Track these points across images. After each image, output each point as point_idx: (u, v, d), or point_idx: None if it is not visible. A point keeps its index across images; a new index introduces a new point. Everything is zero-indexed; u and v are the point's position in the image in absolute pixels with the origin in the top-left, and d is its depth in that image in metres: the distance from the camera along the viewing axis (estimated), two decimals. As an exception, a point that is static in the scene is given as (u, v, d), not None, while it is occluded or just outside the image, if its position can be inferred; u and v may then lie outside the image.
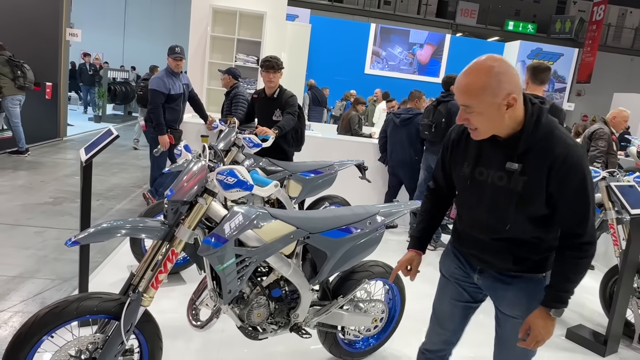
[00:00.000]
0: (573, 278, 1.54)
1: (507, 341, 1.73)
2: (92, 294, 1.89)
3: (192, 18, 6.31)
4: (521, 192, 1.51)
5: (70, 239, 1.83)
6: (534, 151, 1.49)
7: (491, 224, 1.63)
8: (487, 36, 20.13)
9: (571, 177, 1.47)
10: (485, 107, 1.45)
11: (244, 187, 1.80)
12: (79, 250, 2.73)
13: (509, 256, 1.63)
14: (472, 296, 1.83)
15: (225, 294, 2.03)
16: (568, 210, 1.51)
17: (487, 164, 1.59)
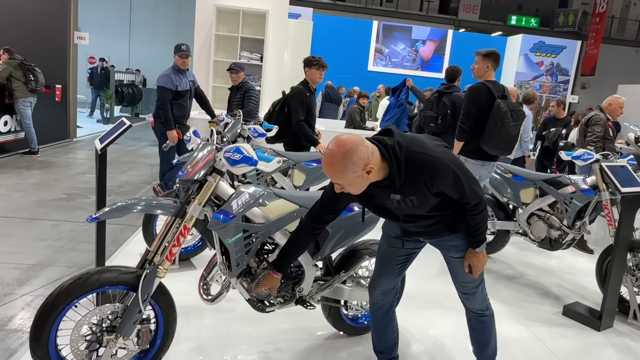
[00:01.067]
0: (477, 226, 2.02)
1: (461, 273, 2.18)
2: (111, 267, 2.06)
3: (196, 18, 6.49)
4: (417, 204, 1.90)
5: (91, 216, 1.99)
6: (406, 182, 1.82)
7: (418, 223, 2.04)
8: (489, 31, 20.16)
9: (442, 182, 1.84)
10: (352, 181, 1.75)
11: (249, 162, 1.95)
12: (95, 239, 2.90)
13: (443, 227, 2.07)
14: (414, 245, 2.26)
15: (234, 266, 2.18)
16: (451, 195, 1.91)
17: (381, 199, 1.94)
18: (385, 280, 2.28)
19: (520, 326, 3.24)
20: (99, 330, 2.02)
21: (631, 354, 3.02)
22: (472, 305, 2.25)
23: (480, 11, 21.10)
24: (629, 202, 3.12)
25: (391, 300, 2.35)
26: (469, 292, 2.21)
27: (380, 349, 2.43)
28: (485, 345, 2.33)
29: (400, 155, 1.78)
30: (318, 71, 4.38)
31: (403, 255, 2.26)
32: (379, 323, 2.38)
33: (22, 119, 7.32)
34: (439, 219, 2.02)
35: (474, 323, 2.31)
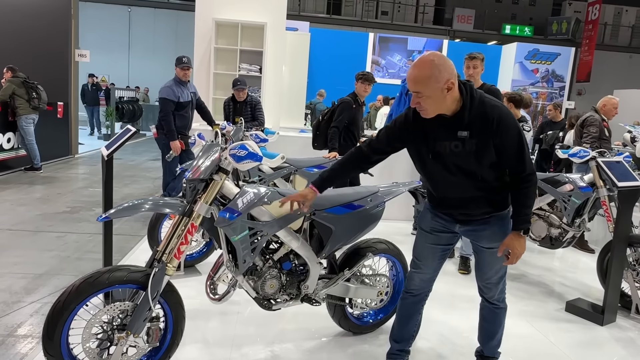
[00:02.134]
0: (527, 203, 2.01)
1: (486, 265, 2.20)
2: (121, 266, 2.10)
3: (196, 32, 6.61)
4: (475, 151, 1.94)
5: (101, 215, 2.04)
6: (475, 120, 1.92)
7: (462, 183, 2.02)
8: (484, 41, 20.41)
9: (505, 130, 1.92)
10: (432, 92, 1.87)
11: (254, 158, 2.02)
12: (102, 248, 2.96)
13: (484, 202, 2.06)
14: (449, 241, 2.26)
15: (240, 263, 2.23)
16: (510, 154, 1.95)
17: (443, 138, 1.98)
18: (424, 273, 2.28)
19: (525, 323, 3.27)
20: (109, 329, 2.06)
21: (635, 347, 3.04)
22: (492, 295, 2.28)
23: (475, 21, 21.37)
24: (626, 196, 3.18)
25: (425, 291, 2.34)
26: (491, 284, 2.24)
27: (397, 337, 2.42)
28: (492, 335, 2.37)
29: (476, 95, 1.93)
30: (363, 85, 4.62)
31: (440, 248, 2.25)
32: (405, 311, 2.37)
33: (25, 136, 7.41)
34: (484, 185, 2.00)
35: (487, 313, 2.34)
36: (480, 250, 2.20)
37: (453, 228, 2.19)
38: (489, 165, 1.96)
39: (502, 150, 1.93)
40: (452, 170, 2.00)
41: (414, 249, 2.32)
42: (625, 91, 14.82)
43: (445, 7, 21.84)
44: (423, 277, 2.30)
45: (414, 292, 2.34)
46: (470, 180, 2.00)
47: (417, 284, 2.31)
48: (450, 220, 2.18)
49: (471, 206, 2.08)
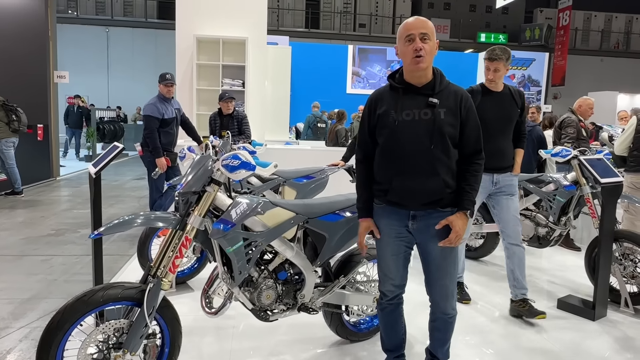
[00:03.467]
0: (476, 186, 2.08)
1: (441, 270, 2.14)
2: (115, 283, 2.07)
3: (177, 48, 6.61)
4: (444, 118, 2.03)
5: (93, 232, 2.02)
6: (445, 91, 2.07)
7: (422, 154, 2.02)
8: (461, 49, 20.82)
9: (471, 109, 2.09)
10: (432, 40, 2.03)
11: (247, 167, 2.02)
12: (92, 268, 2.91)
13: (440, 183, 2.03)
14: (408, 244, 2.20)
15: (236, 275, 2.22)
16: (470, 131, 2.08)
17: (412, 106, 2.06)
18: (392, 281, 2.24)
19: (519, 321, 3.30)
20: (105, 348, 2.02)
21: (627, 340, 3.10)
22: (450, 305, 2.19)
23: (450, 30, 21.83)
24: (609, 192, 3.26)
25: (400, 296, 2.31)
26: (448, 293, 2.16)
27: (389, 346, 2.41)
28: (445, 341, 2.29)
29: (444, 76, 2.12)
30: None
31: (401, 257, 2.20)
32: (388, 319, 2.35)
33: (5, 159, 7.27)
34: (442, 161, 2.01)
35: (441, 324, 2.24)
36: (431, 253, 2.12)
37: (406, 225, 2.11)
38: (451, 138, 2.04)
39: (466, 126, 2.06)
40: (417, 137, 2.01)
41: (377, 259, 2.27)
42: (599, 93, 15.24)
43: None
44: (393, 282, 2.25)
45: (389, 299, 2.29)
46: (430, 152, 2.01)
47: (391, 290, 2.27)
48: (403, 214, 2.10)
49: (429, 183, 2.02)
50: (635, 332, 3.20)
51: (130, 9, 20.13)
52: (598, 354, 2.89)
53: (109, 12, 19.69)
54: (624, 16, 23.40)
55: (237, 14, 6.61)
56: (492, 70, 3.20)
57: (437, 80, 2.07)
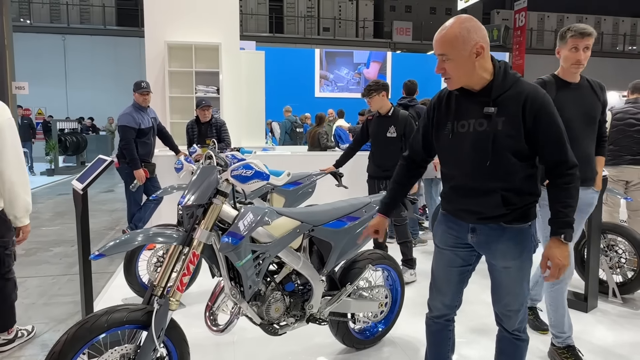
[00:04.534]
0: (570, 202, 1.73)
1: (503, 288, 1.90)
2: (118, 306, 1.94)
3: (147, 55, 6.40)
4: (502, 129, 1.71)
5: (94, 253, 1.88)
6: (507, 95, 1.72)
7: (479, 169, 1.77)
8: (424, 51, 21.21)
9: (543, 111, 1.70)
10: (458, 55, 1.69)
11: (261, 177, 1.94)
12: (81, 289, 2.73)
13: (498, 200, 1.77)
14: (465, 260, 1.98)
15: (246, 289, 2.12)
16: (547, 141, 1.71)
17: (467, 115, 1.79)
18: (442, 297, 2.04)
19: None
20: (111, 376, 1.89)
21: (621, 328, 3.18)
22: (511, 325, 1.93)
23: (413, 33, 22.22)
24: (596, 186, 3.34)
25: (449, 316, 2.08)
26: (511, 311, 1.91)
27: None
28: None
29: (510, 71, 1.75)
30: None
31: (456, 270, 1.99)
32: (433, 338, 2.13)
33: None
34: (503, 176, 1.74)
35: (506, 345, 1.97)
36: (494, 270, 1.91)
37: (465, 239, 1.90)
38: (513, 151, 1.71)
39: (537, 136, 1.69)
40: (471, 153, 1.76)
41: (432, 269, 2.09)
42: (557, 90, 15.84)
43: (384, 20, 22.57)
44: (443, 300, 2.04)
45: (436, 317, 2.09)
46: (488, 166, 1.74)
47: (439, 308, 2.06)
48: (462, 226, 1.90)
49: (484, 202, 1.80)
50: (627, 321, 3.29)
51: (87, 16, 19.46)
52: (598, 344, 2.95)
53: (65, 20, 18.96)
54: (575, 16, 24.48)
55: (209, 19, 6.46)
56: (581, 49, 2.53)
57: (497, 82, 1.72)
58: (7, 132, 2.49)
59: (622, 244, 3.70)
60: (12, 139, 2.51)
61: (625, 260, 3.66)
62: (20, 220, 2.62)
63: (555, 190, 1.75)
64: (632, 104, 4.27)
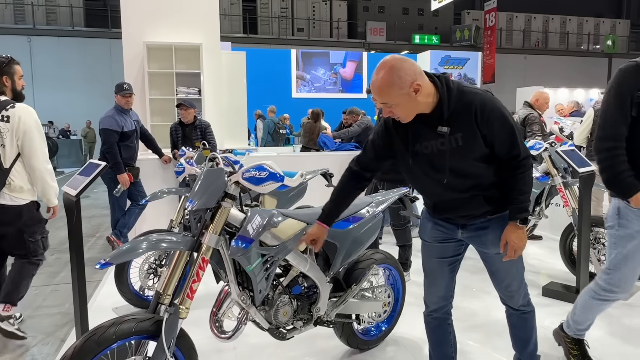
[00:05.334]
0: (524, 189, 1.87)
1: (500, 272, 2.03)
2: (125, 316, 1.86)
3: (125, 56, 6.22)
4: (463, 146, 1.80)
5: (100, 262, 1.80)
6: (457, 111, 1.79)
7: (454, 184, 1.87)
8: (398, 50, 21.41)
9: (492, 117, 1.79)
10: (399, 99, 1.75)
11: (276, 179, 1.89)
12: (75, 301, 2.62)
13: (481, 201, 1.90)
14: (456, 251, 2.09)
15: (256, 294, 2.07)
16: (501, 142, 1.82)
17: (426, 137, 1.86)
18: (437, 290, 2.12)
19: (511, 313, 3.37)
20: (121, 390, 1.81)
21: (613, 318, 3.27)
22: (515, 302, 2.09)
23: (387, 33, 22.43)
24: (586, 180, 3.42)
25: (445, 309, 2.16)
26: (512, 291, 2.06)
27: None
28: (527, 342, 2.17)
29: (453, 86, 1.80)
30: None
31: (447, 261, 2.08)
32: (434, 335, 2.20)
33: None
34: (478, 182, 1.87)
35: (516, 320, 2.14)
36: (488, 258, 2.03)
37: (455, 235, 2.02)
38: (480, 159, 1.83)
39: (492, 139, 1.80)
40: (440, 171, 1.85)
41: (422, 264, 2.16)
42: (525, 89, 16.24)
43: (358, 21, 22.70)
44: (438, 292, 2.13)
45: (434, 313, 2.16)
46: (462, 179, 1.86)
47: (435, 301, 2.14)
48: (451, 226, 2.02)
49: (469, 207, 1.92)
50: (619, 312, 3.38)
51: (54, 17, 18.87)
52: (596, 336, 3.01)
53: (30, 21, 18.34)
54: (542, 17, 25.22)
55: (188, 19, 6.33)
56: None
57: (444, 102, 1.78)
58: (34, 132, 2.88)
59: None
60: (39, 138, 2.91)
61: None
62: (51, 201, 3.06)
63: (512, 180, 1.86)
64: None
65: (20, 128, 2.82)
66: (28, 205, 2.96)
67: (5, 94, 2.91)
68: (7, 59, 2.93)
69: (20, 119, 2.82)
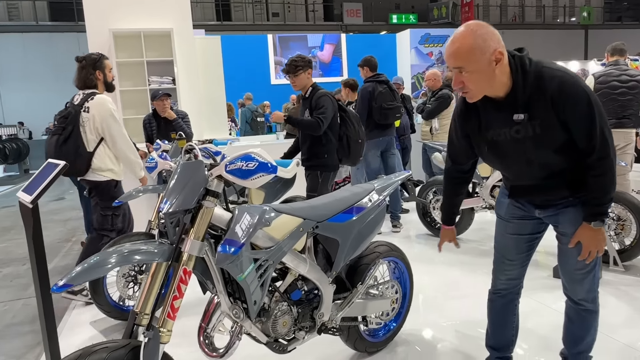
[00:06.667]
0: (597, 195, 1.69)
1: (570, 254, 1.82)
2: (94, 346, 1.54)
3: (90, 47, 5.75)
4: (540, 134, 1.63)
5: (56, 284, 1.47)
6: (533, 96, 1.61)
7: (531, 171, 1.75)
8: (376, 31, 21.06)
9: (571, 101, 1.59)
10: (477, 66, 1.58)
11: (267, 170, 1.57)
12: (41, 322, 2.28)
13: (562, 187, 1.75)
14: (535, 228, 1.93)
15: (250, 306, 1.77)
16: (577, 130, 1.62)
17: (500, 124, 1.71)
18: (509, 268, 1.99)
19: (526, 298, 3.13)
20: None
21: (629, 296, 3.08)
22: (575, 294, 1.89)
23: (363, 14, 22.00)
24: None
25: (516, 290, 2.03)
26: (574, 280, 1.87)
27: (493, 344, 2.11)
28: (579, 340, 1.96)
29: (529, 67, 1.62)
30: None
31: (525, 237, 1.94)
32: (497, 315, 2.07)
33: None
34: (559, 169, 1.70)
35: (573, 314, 1.95)
36: (561, 237, 1.85)
37: (533, 213, 1.89)
38: (561, 147, 1.65)
39: (570, 127, 1.62)
40: (516, 159, 1.73)
41: (495, 242, 2.03)
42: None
43: (333, 2, 22.21)
44: (510, 274, 1.99)
45: (502, 292, 2.03)
46: (542, 167, 1.72)
47: (504, 282, 2.01)
48: (529, 205, 1.88)
49: (548, 192, 1.79)
50: (635, 290, 3.18)
51: (16, 12, 17.97)
52: (613, 316, 2.81)
53: (-10, 17, 17.44)
54: (517, -9, 25.04)
55: (157, 3, 5.89)
56: None
57: (519, 87, 1.62)
58: (109, 120, 3.20)
59: (617, 210, 3.59)
60: (114, 124, 3.22)
61: (623, 227, 3.56)
62: (137, 175, 3.44)
63: (589, 180, 1.69)
64: (613, 66, 4.16)
65: (97, 118, 3.18)
66: (107, 182, 3.30)
67: (97, 86, 3.29)
68: (99, 55, 3.32)
69: (96, 109, 3.18)
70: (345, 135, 3.72)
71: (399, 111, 4.82)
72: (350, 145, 3.73)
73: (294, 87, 3.86)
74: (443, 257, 4.07)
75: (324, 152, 3.72)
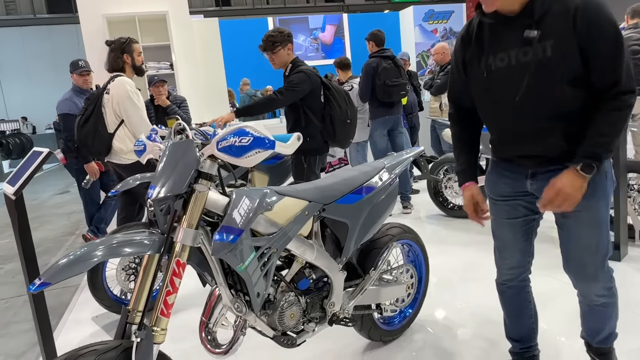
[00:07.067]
0: (605, 131, 1.40)
1: (574, 241, 1.59)
2: (83, 348, 1.39)
3: (84, 35, 5.58)
4: (551, 55, 1.40)
5: (34, 283, 1.32)
6: (552, 11, 1.40)
7: (531, 108, 1.48)
8: (378, 10, 20.60)
9: (596, 24, 1.37)
10: None
11: (264, 145, 1.39)
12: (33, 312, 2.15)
13: (558, 137, 1.47)
14: (529, 208, 1.68)
15: (253, 299, 1.61)
16: (600, 58, 1.38)
17: (507, 45, 1.49)
18: (508, 257, 1.78)
19: (551, 279, 2.97)
20: None
21: None
22: (589, 291, 1.66)
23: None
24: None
25: (522, 277, 1.82)
26: (587, 274, 1.61)
27: (513, 335, 1.94)
28: (597, 331, 1.77)
29: None
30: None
31: (519, 222, 1.70)
32: (510, 307, 1.90)
33: None
34: (563, 110, 1.44)
35: (586, 310, 1.75)
36: (562, 223, 1.60)
37: (524, 186, 1.62)
38: (570, 79, 1.40)
39: (591, 53, 1.37)
40: (515, 89, 1.47)
41: (492, 227, 1.82)
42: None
43: (335, -18, 21.70)
44: (509, 262, 1.79)
45: (507, 282, 1.84)
46: (539, 101, 1.45)
47: (507, 272, 1.82)
48: (518, 175, 1.62)
49: (541, 142, 1.50)
50: None
51: (13, 6, 17.76)
52: None
53: (-12, 12, 17.25)
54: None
55: (150, -15, 5.68)
56: None
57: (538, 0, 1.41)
58: (126, 102, 3.15)
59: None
60: (131, 105, 3.18)
61: (649, 199, 3.35)
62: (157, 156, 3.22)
63: (599, 114, 1.40)
64: (633, 30, 3.91)
65: (115, 99, 3.15)
66: (133, 164, 3.24)
67: (125, 70, 3.27)
68: (127, 39, 3.24)
69: (115, 90, 3.15)
70: (330, 115, 3.40)
71: (404, 88, 4.58)
72: (334, 127, 3.41)
73: (273, 65, 3.49)
74: (457, 238, 3.90)
75: (306, 135, 3.42)
